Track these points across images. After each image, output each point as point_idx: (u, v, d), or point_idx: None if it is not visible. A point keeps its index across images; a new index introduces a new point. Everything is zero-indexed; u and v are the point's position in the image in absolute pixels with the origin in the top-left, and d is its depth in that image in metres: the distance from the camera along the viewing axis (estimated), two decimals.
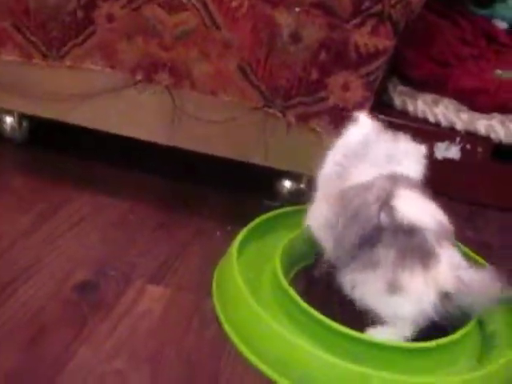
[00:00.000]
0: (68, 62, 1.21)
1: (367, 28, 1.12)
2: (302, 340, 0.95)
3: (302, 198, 1.30)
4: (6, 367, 0.88)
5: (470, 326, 1.01)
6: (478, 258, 1.19)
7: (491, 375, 0.95)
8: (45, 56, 1.22)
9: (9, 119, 1.39)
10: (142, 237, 1.21)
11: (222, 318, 1.03)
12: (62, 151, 1.41)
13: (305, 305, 1.00)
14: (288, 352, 0.95)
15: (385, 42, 1.14)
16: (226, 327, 1.01)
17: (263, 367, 0.95)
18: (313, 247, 1.16)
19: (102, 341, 0.95)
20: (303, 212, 1.23)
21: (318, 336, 0.97)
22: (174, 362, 0.94)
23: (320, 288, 1.13)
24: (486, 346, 1.05)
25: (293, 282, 1.10)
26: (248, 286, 1.03)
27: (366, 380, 0.91)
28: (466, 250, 1.18)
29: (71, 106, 1.25)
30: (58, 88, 1.25)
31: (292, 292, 1.02)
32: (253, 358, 0.97)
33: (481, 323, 1.07)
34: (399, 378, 0.92)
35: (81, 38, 1.19)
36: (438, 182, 1.18)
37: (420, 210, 1.01)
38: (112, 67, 1.20)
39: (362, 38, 1.13)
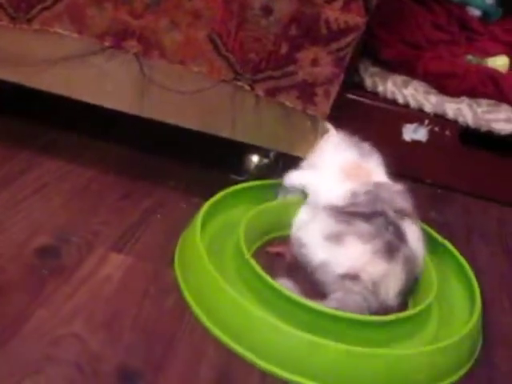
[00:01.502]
0: (36, 26, 1.19)
1: (339, 3, 1.12)
2: (261, 310, 0.96)
3: (268, 172, 1.31)
4: None
5: (429, 300, 1.03)
6: (437, 236, 1.21)
7: (445, 349, 0.96)
8: (12, 18, 1.19)
9: None
10: (105, 205, 1.20)
11: (182, 286, 1.03)
12: (25, 118, 1.39)
13: (264, 274, 1.00)
14: (246, 321, 0.95)
15: (356, 18, 1.14)
16: (186, 296, 1.01)
17: (221, 336, 0.96)
18: (277, 221, 1.17)
19: (60, 304, 0.94)
20: (269, 186, 1.25)
21: (276, 306, 0.97)
22: (130, 329, 0.94)
23: (283, 262, 1.14)
24: (443, 319, 1.06)
25: (255, 255, 1.10)
26: (211, 258, 1.02)
27: (320, 349, 0.91)
28: (428, 229, 1.20)
29: (37, 70, 1.23)
30: (25, 52, 1.22)
31: (253, 262, 1.03)
32: (211, 327, 0.97)
33: (439, 296, 1.08)
34: (354, 349, 0.92)
35: (49, 1, 1.17)
36: (405, 164, 1.20)
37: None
38: (80, 32, 1.18)
39: (334, 13, 1.13)
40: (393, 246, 1.03)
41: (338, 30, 1.14)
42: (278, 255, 1.15)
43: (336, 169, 1.16)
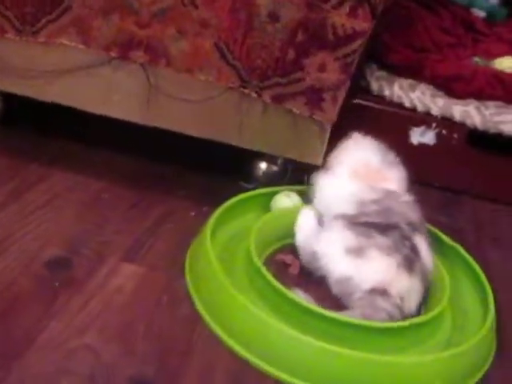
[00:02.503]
0: (42, 38, 1.20)
1: (345, 9, 1.12)
2: (275, 319, 0.95)
3: (277, 179, 1.31)
4: None
5: (442, 306, 1.03)
6: (448, 240, 1.20)
7: (461, 355, 0.96)
8: (18, 31, 1.20)
9: None
10: (115, 215, 1.20)
11: (194, 296, 1.03)
12: (36, 129, 1.40)
13: (277, 283, 1.00)
14: (259, 330, 0.95)
15: (362, 23, 1.13)
16: (198, 306, 1.01)
17: (235, 346, 0.95)
18: (288, 228, 1.17)
19: (73, 316, 0.94)
20: (277, 194, 1.25)
21: (290, 315, 0.97)
22: (143, 339, 0.94)
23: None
24: (457, 324, 1.06)
25: (266, 263, 1.10)
26: (221, 266, 1.02)
27: (334, 357, 0.91)
28: (439, 233, 1.20)
29: (44, 82, 1.24)
30: (32, 64, 1.23)
31: (264, 270, 1.02)
32: (225, 337, 0.96)
33: (452, 302, 1.08)
34: (369, 356, 0.92)
35: (55, 13, 1.17)
36: (413, 167, 1.20)
37: None
38: (86, 44, 1.19)
39: (340, 19, 1.13)
40: (411, 260, 1.03)
41: (345, 36, 1.14)
42: (284, 265, 1.15)
43: (349, 168, 1.15)
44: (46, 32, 1.19)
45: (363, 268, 1.02)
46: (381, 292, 1.00)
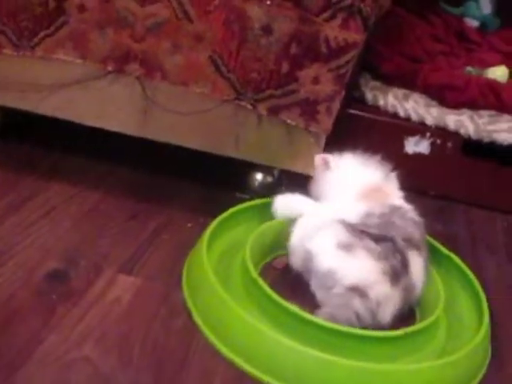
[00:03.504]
0: (39, 53, 1.21)
1: (337, 21, 1.13)
2: (271, 329, 0.96)
3: (272, 190, 1.32)
4: None
5: (436, 314, 1.04)
6: (443, 249, 1.21)
7: (456, 362, 0.97)
8: (16, 46, 1.21)
9: None
10: (112, 227, 1.21)
11: (191, 307, 1.04)
12: (32, 143, 1.41)
13: (272, 293, 1.01)
14: (257, 341, 0.96)
15: (355, 35, 1.15)
16: (195, 317, 1.02)
17: (232, 356, 0.96)
18: (284, 238, 1.18)
19: (70, 329, 0.95)
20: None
21: (286, 325, 0.98)
22: (141, 351, 0.94)
23: (289, 279, 1.14)
24: (453, 333, 1.07)
25: (262, 273, 1.11)
26: (218, 277, 1.03)
27: (330, 366, 0.92)
28: (433, 241, 1.21)
29: (41, 96, 1.24)
30: (29, 79, 1.24)
31: (260, 281, 1.03)
32: (222, 348, 0.97)
33: (446, 309, 1.09)
34: (365, 365, 0.93)
35: (52, 28, 1.18)
36: (408, 176, 1.21)
37: None
38: (83, 58, 1.20)
39: (333, 31, 1.14)
40: (397, 272, 1.03)
41: (338, 48, 1.15)
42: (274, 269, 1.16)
43: (356, 190, 1.16)
44: (44, 46, 1.20)
45: (348, 263, 1.03)
46: (360, 292, 1.01)
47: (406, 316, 1.07)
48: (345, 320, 0.99)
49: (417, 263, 1.07)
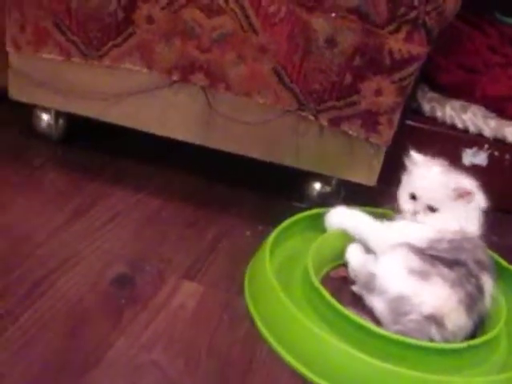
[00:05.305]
0: (107, 62, 1.24)
1: (402, 34, 1.14)
2: (334, 338, 0.97)
3: (330, 200, 1.33)
4: (45, 357, 0.91)
5: (497, 329, 1.03)
6: (503, 262, 1.21)
7: None
8: (84, 55, 1.25)
9: (46, 116, 1.41)
10: (173, 233, 1.23)
11: (254, 315, 1.05)
12: (97, 148, 1.44)
13: (336, 303, 1.02)
14: (321, 350, 0.97)
15: (418, 48, 1.16)
16: (259, 325, 1.04)
17: (295, 363, 0.97)
18: (343, 248, 1.19)
19: (139, 333, 0.98)
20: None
21: (349, 334, 0.99)
22: (207, 357, 0.96)
23: (347, 289, 1.15)
24: None
25: (323, 282, 1.12)
26: (280, 285, 1.05)
27: (393, 377, 0.93)
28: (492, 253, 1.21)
29: (108, 104, 1.28)
30: (95, 87, 1.28)
31: (323, 290, 1.04)
32: (286, 356, 0.99)
33: (507, 322, 1.08)
34: (429, 377, 0.93)
35: (120, 38, 1.22)
36: None
37: None
38: (149, 67, 1.23)
39: (397, 43, 1.15)
40: (473, 299, 1.03)
41: (402, 60, 1.16)
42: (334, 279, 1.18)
43: (448, 191, 1.16)
44: (111, 56, 1.23)
45: (425, 291, 1.02)
46: (438, 321, 1.01)
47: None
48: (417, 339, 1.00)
49: (489, 286, 1.07)
